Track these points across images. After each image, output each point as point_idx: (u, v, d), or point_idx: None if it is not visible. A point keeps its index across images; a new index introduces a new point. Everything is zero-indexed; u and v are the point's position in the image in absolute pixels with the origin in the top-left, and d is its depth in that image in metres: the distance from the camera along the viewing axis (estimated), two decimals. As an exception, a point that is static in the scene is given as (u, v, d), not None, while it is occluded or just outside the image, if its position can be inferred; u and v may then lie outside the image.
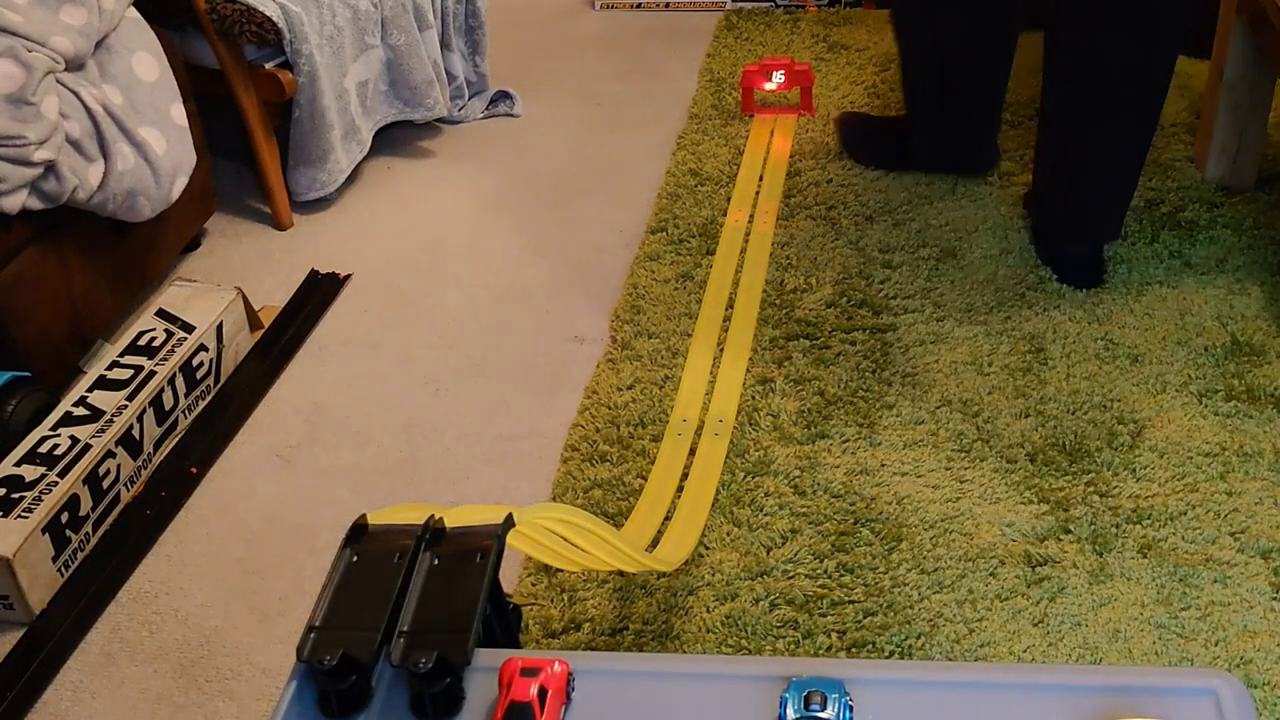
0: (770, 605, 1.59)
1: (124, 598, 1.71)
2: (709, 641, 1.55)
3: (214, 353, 2.05)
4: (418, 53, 2.56)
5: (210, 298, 2.09)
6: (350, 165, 2.55)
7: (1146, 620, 1.54)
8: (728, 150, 2.65)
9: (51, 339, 1.97)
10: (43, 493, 1.68)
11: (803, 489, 1.77)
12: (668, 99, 2.91)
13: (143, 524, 1.82)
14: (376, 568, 0.56)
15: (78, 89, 1.89)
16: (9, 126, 1.73)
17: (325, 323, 2.24)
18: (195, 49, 2.33)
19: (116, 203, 1.97)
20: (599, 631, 1.58)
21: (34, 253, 1.91)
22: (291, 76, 2.34)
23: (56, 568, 1.70)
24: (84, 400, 1.85)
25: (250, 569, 1.75)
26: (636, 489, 1.78)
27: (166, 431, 1.95)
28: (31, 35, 1.80)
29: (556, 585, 1.64)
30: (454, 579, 0.55)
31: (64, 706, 1.56)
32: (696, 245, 2.35)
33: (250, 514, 1.84)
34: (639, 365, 2.05)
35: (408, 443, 1.95)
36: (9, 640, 1.64)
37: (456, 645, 0.52)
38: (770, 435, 1.87)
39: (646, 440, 1.89)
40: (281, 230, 2.51)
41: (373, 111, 2.58)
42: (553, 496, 1.81)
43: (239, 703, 1.56)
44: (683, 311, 2.17)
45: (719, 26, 3.25)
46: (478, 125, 2.86)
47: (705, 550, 1.68)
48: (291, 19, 2.28)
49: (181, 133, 2.11)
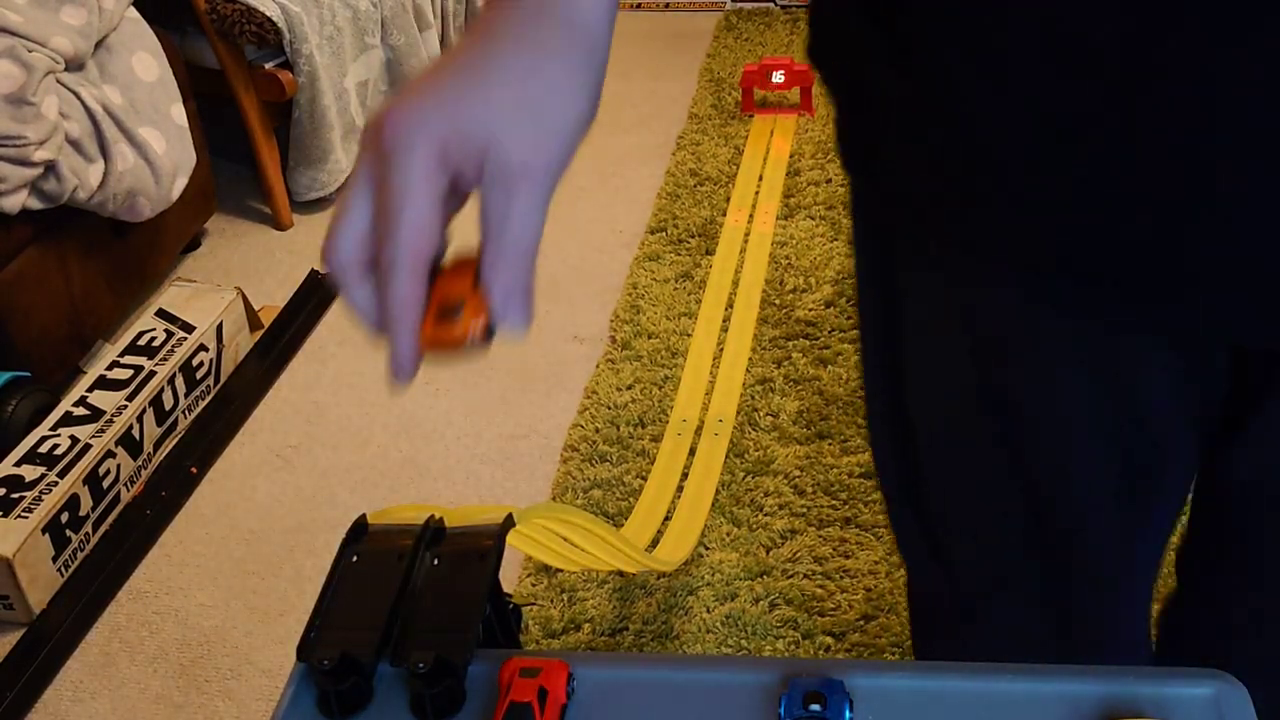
0: (770, 605, 1.59)
1: (124, 598, 1.71)
2: (709, 641, 1.55)
3: (214, 353, 2.05)
4: (418, 53, 2.56)
5: (210, 298, 2.09)
6: (350, 165, 2.55)
7: (1146, 620, 1.54)
8: (728, 150, 2.65)
9: (51, 339, 1.97)
10: (43, 493, 1.68)
11: (803, 489, 1.77)
12: (668, 99, 2.92)
13: (143, 524, 1.82)
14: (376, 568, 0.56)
15: (78, 89, 1.89)
16: (9, 126, 1.73)
17: (325, 323, 2.24)
18: (195, 49, 2.33)
19: (116, 203, 1.97)
20: (599, 631, 1.58)
21: (34, 253, 1.91)
22: (291, 76, 2.34)
23: (56, 568, 1.70)
24: (84, 400, 1.85)
25: (250, 569, 1.75)
26: (636, 489, 1.78)
27: (166, 431, 1.95)
28: (31, 35, 1.80)
29: (556, 585, 1.64)
30: (454, 579, 0.55)
31: (64, 706, 1.56)
32: (696, 245, 2.35)
33: (250, 514, 1.84)
34: (639, 365, 2.05)
35: (408, 443, 1.95)
36: (9, 640, 1.64)
37: (457, 645, 0.52)
38: (770, 435, 1.87)
39: (646, 440, 1.89)
40: (281, 230, 2.51)
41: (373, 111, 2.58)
42: (553, 496, 1.80)
43: (239, 703, 1.55)
44: (682, 311, 2.17)
45: (719, 26, 3.25)
46: (478, 125, 2.86)
47: (705, 550, 1.68)
48: (291, 19, 2.28)
49: (181, 133, 2.11)
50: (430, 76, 0.50)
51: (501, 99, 0.48)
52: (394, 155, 0.47)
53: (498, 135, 0.47)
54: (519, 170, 0.48)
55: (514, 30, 0.50)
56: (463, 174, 0.48)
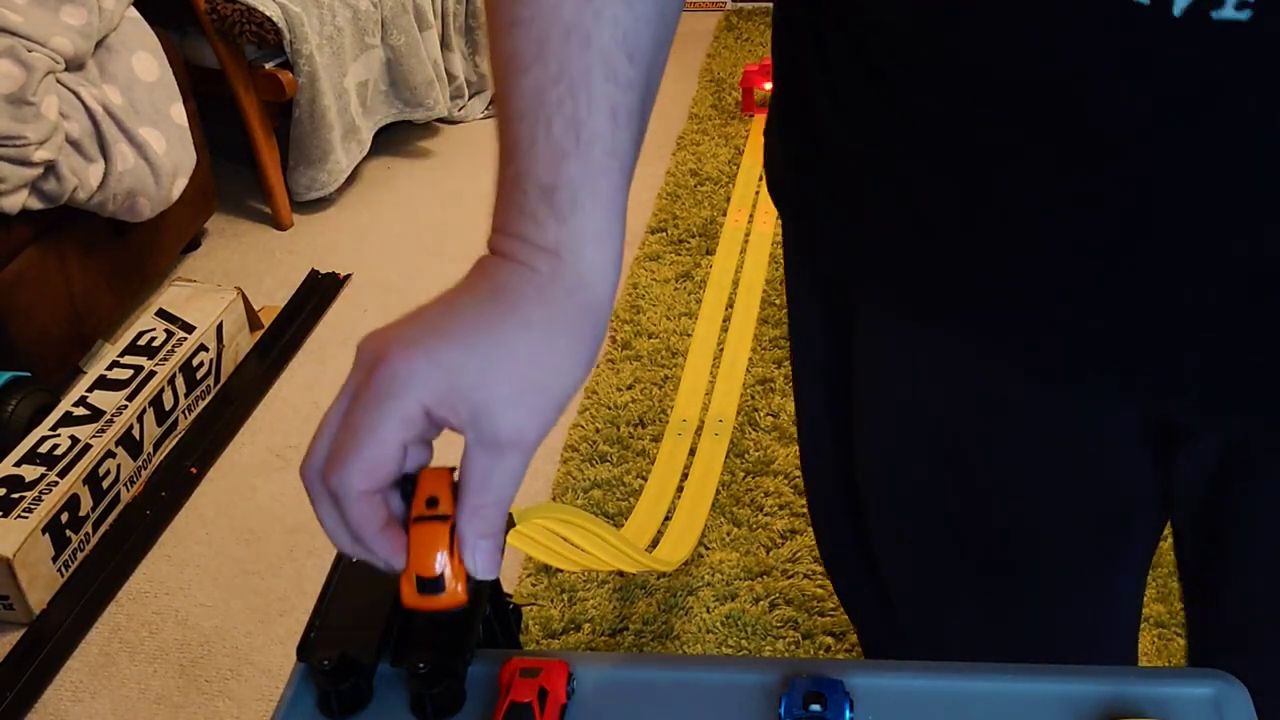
0: (770, 605, 1.59)
1: (124, 598, 1.71)
2: (709, 641, 1.55)
3: (214, 353, 2.05)
4: (418, 53, 2.56)
5: (210, 298, 2.09)
6: (350, 165, 2.55)
7: (1146, 620, 1.54)
8: (728, 150, 2.65)
9: (51, 339, 1.97)
10: (43, 493, 1.68)
11: (803, 489, 1.77)
12: (668, 99, 2.92)
13: (143, 524, 1.82)
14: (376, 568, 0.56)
15: (78, 89, 1.89)
16: (9, 126, 1.73)
17: (325, 323, 2.24)
18: (195, 49, 2.33)
19: (116, 203, 1.97)
20: (599, 631, 1.58)
21: (34, 253, 1.91)
22: (291, 76, 2.34)
23: (56, 568, 1.70)
24: (84, 400, 1.85)
25: (250, 569, 1.75)
26: (636, 489, 1.78)
27: (166, 431, 1.95)
28: (31, 35, 1.80)
29: (556, 585, 1.64)
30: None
31: (64, 706, 1.56)
32: (696, 245, 2.35)
33: (250, 514, 1.84)
34: (639, 365, 2.05)
35: (408, 443, 1.95)
36: (9, 640, 1.64)
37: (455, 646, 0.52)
38: (770, 435, 1.87)
39: (646, 440, 1.89)
40: (281, 230, 2.51)
41: (373, 111, 2.58)
42: (553, 496, 1.80)
43: (239, 703, 1.55)
44: (683, 311, 2.17)
45: (719, 26, 3.25)
46: (478, 125, 2.86)
47: (705, 550, 1.68)
48: (291, 19, 2.28)
49: (181, 133, 2.11)
50: (437, 318, 0.49)
51: (503, 375, 0.47)
52: (377, 397, 0.47)
53: (492, 408, 0.47)
54: (509, 441, 0.47)
55: (526, 300, 0.48)
56: (447, 422, 0.48)
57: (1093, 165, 0.49)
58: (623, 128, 0.50)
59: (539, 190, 0.49)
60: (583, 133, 0.49)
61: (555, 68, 0.48)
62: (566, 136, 0.48)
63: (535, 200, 0.49)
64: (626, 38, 0.49)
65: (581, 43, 0.48)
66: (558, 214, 0.49)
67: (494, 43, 0.50)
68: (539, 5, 0.48)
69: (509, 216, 0.50)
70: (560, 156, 0.48)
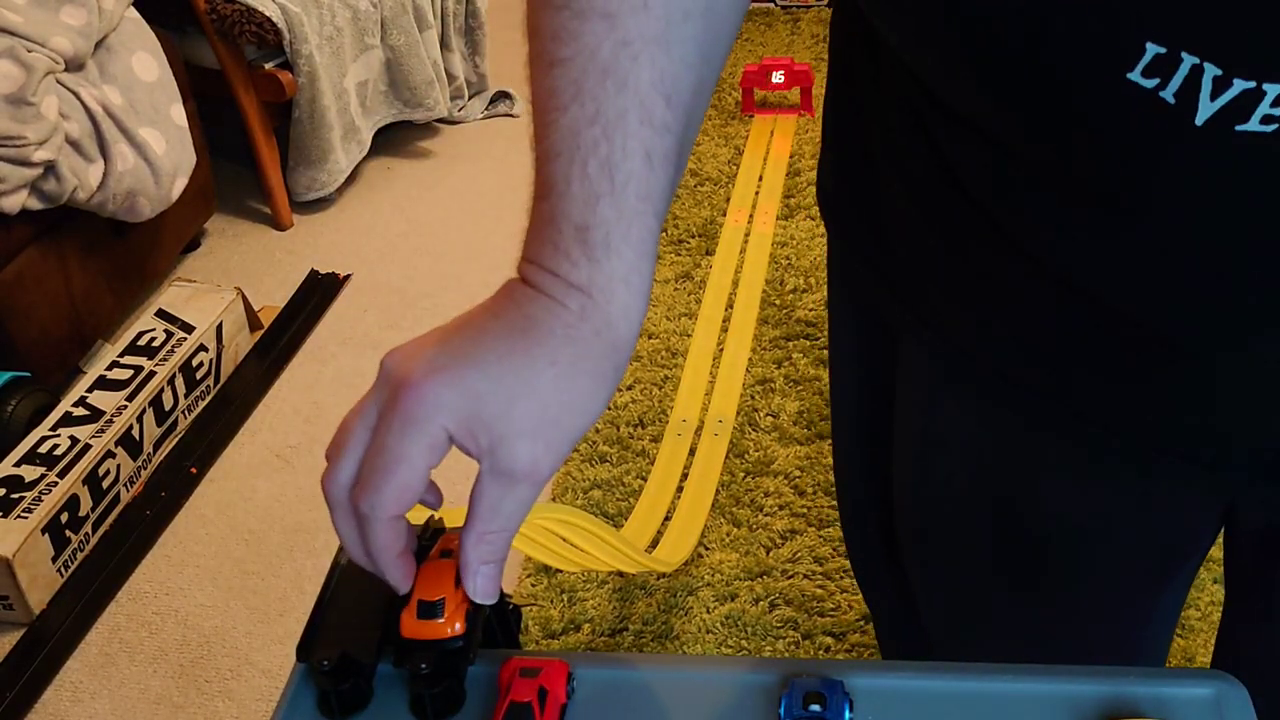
0: (770, 605, 1.59)
1: (124, 598, 1.71)
2: (709, 641, 1.55)
3: (214, 353, 2.05)
4: (417, 53, 2.56)
5: (210, 298, 2.09)
6: (350, 165, 2.55)
7: (1146, 620, 1.54)
8: (728, 150, 2.65)
9: (51, 339, 1.97)
10: (43, 493, 1.68)
11: (803, 489, 1.77)
12: (668, 99, 2.91)
13: (143, 524, 1.82)
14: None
15: (78, 89, 1.89)
16: (9, 126, 1.73)
17: (325, 323, 2.24)
18: (195, 49, 2.33)
19: (116, 203, 1.97)
20: (599, 631, 1.58)
21: (34, 253, 1.91)
22: (291, 77, 2.34)
23: (56, 568, 1.70)
24: (84, 400, 1.85)
25: (250, 569, 1.75)
26: (636, 489, 1.78)
27: (166, 432, 1.95)
28: (31, 35, 1.80)
29: (556, 585, 1.64)
30: (454, 580, 0.55)
31: (64, 706, 1.56)
32: (696, 245, 2.35)
33: (250, 514, 1.84)
34: (639, 365, 2.05)
35: (408, 443, 1.95)
36: (9, 640, 1.64)
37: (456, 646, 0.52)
38: (770, 435, 1.87)
39: (646, 440, 1.89)
40: (281, 230, 2.51)
41: (372, 112, 2.58)
42: (553, 496, 1.80)
43: (239, 703, 1.55)
44: (683, 312, 2.17)
45: (719, 27, 3.25)
46: (478, 125, 2.86)
47: (705, 550, 1.68)
48: (291, 19, 2.28)
49: (181, 133, 2.11)
50: (467, 344, 0.49)
51: (526, 409, 0.48)
52: (408, 422, 0.48)
53: (511, 440, 0.48)
54: (524, 473, 0.48)
55: (554, 337, 0.49)
56: (465, 448, 0.49)
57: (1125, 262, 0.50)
58: (658, 171, 0.50)
59: (573, 229, 0.49)
60: (617, 175, 0.49)
61: (591, 109, 0.48)
62: (601, 178, 0.49)
63: (569, 239, 0.49)
64: (664, 80, 0.49)
65: (618, 85, 0.48)
66: (590, 254, 0.49)
67: (535, 80, 0.51)
68: (578, 46, 0.49)
69: (543, 250, 0.50)
70: (595, 198, 0.49)
